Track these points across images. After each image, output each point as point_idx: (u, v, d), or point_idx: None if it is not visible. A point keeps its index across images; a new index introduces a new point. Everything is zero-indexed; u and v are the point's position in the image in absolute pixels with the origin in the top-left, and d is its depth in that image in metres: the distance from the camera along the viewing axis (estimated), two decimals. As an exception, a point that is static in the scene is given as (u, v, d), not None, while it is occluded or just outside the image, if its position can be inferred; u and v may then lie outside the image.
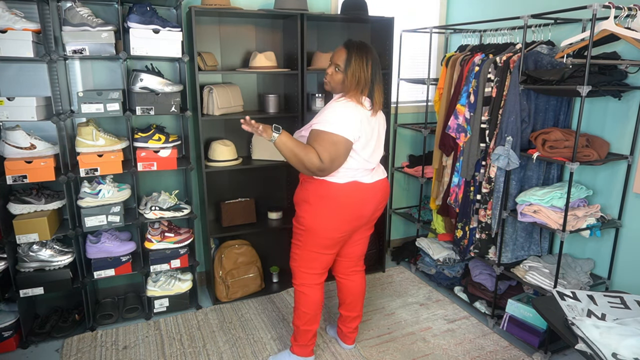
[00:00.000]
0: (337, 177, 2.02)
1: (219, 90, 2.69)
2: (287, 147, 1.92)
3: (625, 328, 1.74)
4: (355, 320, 2.42)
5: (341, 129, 1.91)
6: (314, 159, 1.89)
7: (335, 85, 2.04)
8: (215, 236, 2.90)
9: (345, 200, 2.04)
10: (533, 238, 2.69)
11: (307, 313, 2.22)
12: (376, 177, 2.12)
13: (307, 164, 1.91)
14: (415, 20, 3.49)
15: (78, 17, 2.29)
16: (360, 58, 1.96)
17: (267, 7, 2.89)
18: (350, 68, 1.96)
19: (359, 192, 2.06)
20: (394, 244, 3.80)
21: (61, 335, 2.55)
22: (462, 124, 2.63)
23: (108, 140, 2.49)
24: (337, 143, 1.91)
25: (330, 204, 2.04)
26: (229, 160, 2.80)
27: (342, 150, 1.93)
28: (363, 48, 1.99)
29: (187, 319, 2.76)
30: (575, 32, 2.51)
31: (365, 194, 2.08)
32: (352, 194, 2.04)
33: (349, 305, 2.37)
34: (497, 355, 2.42)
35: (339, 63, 1.99)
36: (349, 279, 2.35)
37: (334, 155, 1.92)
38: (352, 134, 1.93)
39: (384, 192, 2.18)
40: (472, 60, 2.63)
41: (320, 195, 2.04)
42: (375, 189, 2.11)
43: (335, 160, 1.93)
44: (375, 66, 2.00)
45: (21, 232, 2.32)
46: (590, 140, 2.33)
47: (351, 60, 1.96)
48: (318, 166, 1.90)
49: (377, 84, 2.01)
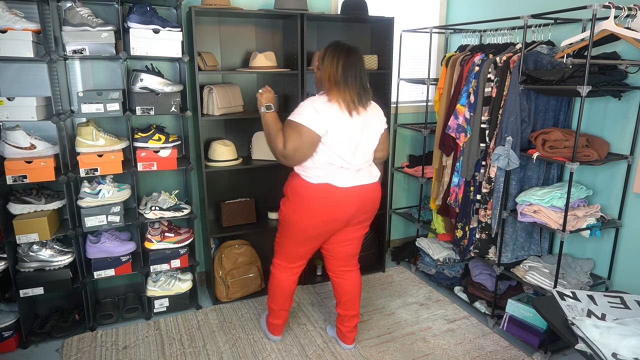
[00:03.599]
0: (311, 176, 2.08)
1: (219, 90, 2.69)
2: (267, 124, 2.12)
3: (625, 328, 1.74)
4: (353, 320, 2.41)
5: (307, 120, 1.99)
6: (279, 144, 2.03)
7: (317, 83, 2.15)
8: (215, 236, 2.90)
9: (317, 202, 2.09)
10: (533, 238, 2.69)
11: (272, 292, 2.39)
12: (358, 181, 2.12)
13: (274, 145, 2.06)
14: (415, 20, 3.49)
15: (78, 17, 2.29)
16: (332, 57, 2.04)
17: (267, 7, 2.89)
18: (323, 66, 2.05)
19: (330, 196, 2.08)
20: (394, 244, 3.80)
21: (61, 335, 2.55)
22: (462, 124, 2.63)
23: (108, 140, 2.49)
24: (301, 133, 2.00)
25: (303, 203, 2.10)
26: (229, 160, 2.80)
27: (306, 141, 2.00)
28: (338, 48, 2.05)
29: (187, 319, 2.76)
30: (575, 32, 2.51)
31: (339, 198, 2.09)
32: (323, 197, 2.08)
33: (345, 304, 2.38)
34: (497, 355, 2.42)
35: (317, 62, 2.11)
36: (342, 278, 2.37)
37: (297, 145, 2.00)
38: (319, 127, 1.99)
39: (367, 197, 2.16)
40: (472, 60, 2.63)
41: (296, 192, 2.13)
42: (353, 194, 2.11)
43: (297, 149, 2.01)
44: (348, 67, 2.01)
45: (21, 232, 2.32)
46: (590, 140, 2.33)
47: (324, 59, 2.06)
48: (281, 151, 2.03)
49: (348, 84, 2.02)
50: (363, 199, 2.15)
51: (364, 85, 2.07)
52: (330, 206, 2.10)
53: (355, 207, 2.14)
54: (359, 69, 2.05)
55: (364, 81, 2.07)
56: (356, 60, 2.05)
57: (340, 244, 2.29)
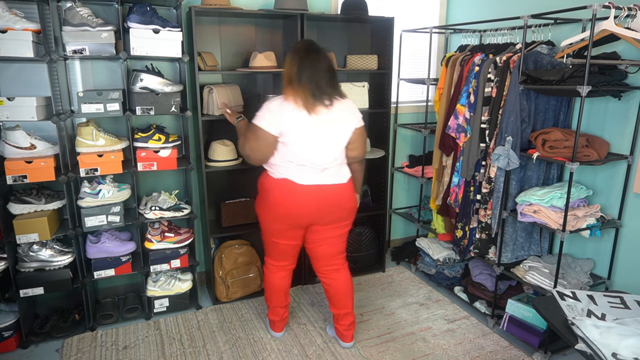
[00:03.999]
0: (274, 172, 2.17)
1: (219, 90, 2.69)
2: (239, 131, 2.38)
3: (625, 328, 1.74)
4: (347, 318, 2.41)
5: (262, 122, 2.07)
6: (241, 145, 2.22)
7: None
8: (215, 236, 2.90)
9: (276, 196, 2.15)
10: (533, 238, 2.69)
11: (266, 289, 2.47)
12: (322, 180, 2.13)
13: (239, 146, 2.24)
14: (415, 20, 3.49)
15: (78, 17, 2.29)
16: (290, 57, 2.08)
17: (267, 7, 2.89)
18: (285, 65, 2.11)
19: (288, 191, 2.12)
20: (394, 244, 3.80)
21: (61, 335, 2.55)
22: (462, 124, 2.63)
23: (108, 140, 2.49)
24: (257, 135, 2.09)
25: (265, 196, 2.21)
26: (229, 160, 2.80)
27: (262, 141, 2.09)
28: (297, 49, 2.09)
29: (187, 319, 2.76)
30: (575, 32, 2.51)
31: (297, 195, 2.12)
32: (282, 191, 2.14)
33: (337, 303, 2.39)
34: (497, 355, 2.42)
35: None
36: (330, 278, 2.37)
37: (254, 145, 2.11)
38: (273, 128, 2.05)
39: (330, 197, 2.16)
40: (472, 60, 2.63)
41: (261, 186, 2.25)
42: (313, 192, 2.12)
43: (255, 149, 2.12)
44: (303, 67, 2.02)
45: (21, 232, 2.32)
46: (590, 140, 2.33)
47: (285, 59, 2.12)
48: (243, 152, 2.20)
49: (302, 83, 2.02)
50: (325, 198, 2.14)
51: (320, 85, 2.03)
52: (288, 201, 2.14)
53: (315, 205, 2.14)
54: (318, 69, 2.03)
55: (321, 80, 2.03)
56: (313, 60, 2.04)
57: (317, 243, 2.31)
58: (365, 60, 3.03)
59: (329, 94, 2.07)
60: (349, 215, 2.28)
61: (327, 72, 2.06)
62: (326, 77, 2.06)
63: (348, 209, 2.26)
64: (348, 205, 2.25)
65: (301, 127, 2.05)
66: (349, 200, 2.24)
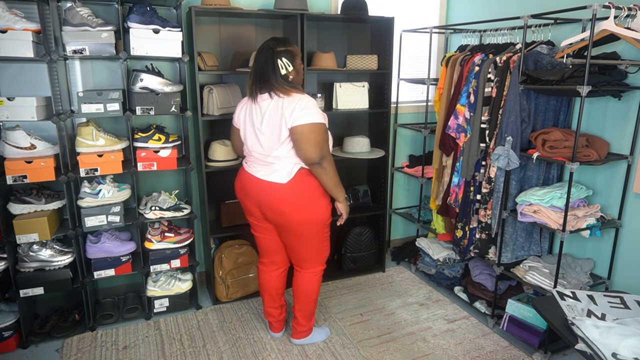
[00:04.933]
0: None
1: (219, 90, 2.69)
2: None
3: (625, 328, 1.74)
4: (296, 312, 2.44)
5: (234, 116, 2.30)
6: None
7: None
8: (215, 236, 2.90)
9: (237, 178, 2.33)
10: (533, 238, 2.69)
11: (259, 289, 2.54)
12: (254, 171, 2.20)
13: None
14: (415, 20, 3.49)
15: (78, 17, 2.29)
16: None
17: (267, 7, 2.89)
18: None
19: (240, 174, 2.31)
20: (394, 244, 3.80)
21: (61, 335, 2.55)
22: (462, 124, 2.63)
23: (108, 140, 2.49)
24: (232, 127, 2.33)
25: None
26: (229, 160, 2.80)
27: (234, 131, 2.32)
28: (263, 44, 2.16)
29: (187, 319, 2.76)
30: (575, 32, 2.51)
31: (242, 179, 2.27)
32: (238, 174, 2.33)
33: (294, 297, 2.44)
34: (497, 355, 2.42)
35: None
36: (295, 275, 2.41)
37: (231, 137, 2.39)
38: (235, 118, 2.28)
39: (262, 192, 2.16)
40: (472, 60, 2.63)
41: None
42: (251, 181, 2.21)
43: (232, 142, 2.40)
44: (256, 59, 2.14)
45: (21, 232, 2.32)
46: (590, 140, 2.33)
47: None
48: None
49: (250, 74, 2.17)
50: (258, 191, 2.18)
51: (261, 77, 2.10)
52: (238, 184, 2.31)
53: (254, 194, 2.21)
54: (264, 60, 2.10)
55: (265, 72, 2.08)
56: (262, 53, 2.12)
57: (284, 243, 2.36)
58: (365, 60, 3.03)
59: (270, 88, 2.09)
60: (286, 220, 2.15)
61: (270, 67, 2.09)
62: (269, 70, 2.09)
63: (282, 213, 2.13)
64: (279, 207, 2.13)
65: (244, 113, 2.21)
66: (281, 202, 2.12)
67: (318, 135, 2.06)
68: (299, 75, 2.21)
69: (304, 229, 2.20)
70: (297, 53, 2.17)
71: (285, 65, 2.11)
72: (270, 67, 2.09)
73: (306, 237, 2.24)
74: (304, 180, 2.14)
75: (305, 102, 2.06)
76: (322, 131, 2.09)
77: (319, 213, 2.20)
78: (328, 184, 2.16)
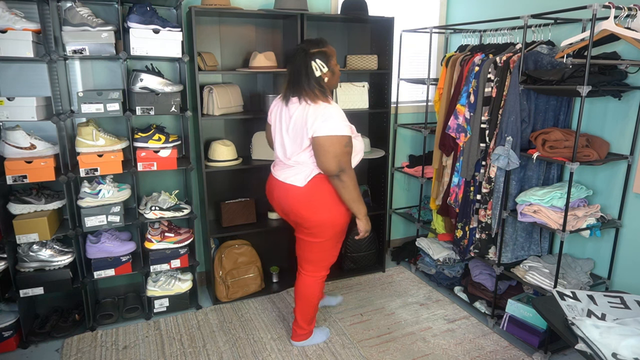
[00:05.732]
0: None
1: (219, 90, 2.69)
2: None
3: (625, 328, 1.74)
4: (297, 314, 2.43)
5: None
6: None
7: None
8: (215, 236, 2.90)
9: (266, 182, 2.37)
10: (533, 238, 2.69)
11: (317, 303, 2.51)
12: (277, 174, 2.22)
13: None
14: (415, 20, 3.49)
15: (78, 17, 2.29)
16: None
17: (267, 7, 2.89)
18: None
19: (268, 178, 2.34)
20: (394, 244, 3.80)
21: (61, 335, 2.55)
22: (462, 124, 2.63)
23: (108, 140, 2.49)
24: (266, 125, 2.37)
25: None
26: (229, 160, 2.80)
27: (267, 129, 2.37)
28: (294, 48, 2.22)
29: (187, 319, 2.76)
30: (575, 32, 2.51)
31: (269, 182, 2.31)
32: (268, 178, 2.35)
33: (295, 299, 2.44)
34: (497, 355, 2.42)
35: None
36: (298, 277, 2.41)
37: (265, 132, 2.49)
38: (268, 115, 2.30)
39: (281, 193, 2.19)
40: (472, 60, 2.63)
41: None
42: (273, 183, 2.26)
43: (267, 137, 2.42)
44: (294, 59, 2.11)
45: (21, 232, 2.32)
46: (590, 140, 2.33)
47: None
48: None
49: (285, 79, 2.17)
50: (279, 193, 2.22)
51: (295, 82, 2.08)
52: (267, 186, 2.34)
53: (276, 195, 2.25)
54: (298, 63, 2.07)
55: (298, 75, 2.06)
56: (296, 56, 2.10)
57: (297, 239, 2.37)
58: (365, 60, 3.03)
59: (301, 93, 2.06)
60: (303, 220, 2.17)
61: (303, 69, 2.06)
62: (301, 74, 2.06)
63: (299, 215, 2.16)
64: (295, 209, 2.15)
65: (278, 119, 2.20)
66: (297, 204, 2.14)
67: (337, 148, 2.00)
68: (335, 76, 2.15)
69: (317, 231, 2.19)
70: (331, 54, 2.11)
71: (319, 67, 2.06)
72: (303, 70, 2.05)
73: (317, 239, 2.22)
74: (321, 185, 2.12)
75: (329, 112, 2.01)
76: (342, 144, 2.01)
77: (334, 218, 2.17)
78: (347, 199, 2.10)
